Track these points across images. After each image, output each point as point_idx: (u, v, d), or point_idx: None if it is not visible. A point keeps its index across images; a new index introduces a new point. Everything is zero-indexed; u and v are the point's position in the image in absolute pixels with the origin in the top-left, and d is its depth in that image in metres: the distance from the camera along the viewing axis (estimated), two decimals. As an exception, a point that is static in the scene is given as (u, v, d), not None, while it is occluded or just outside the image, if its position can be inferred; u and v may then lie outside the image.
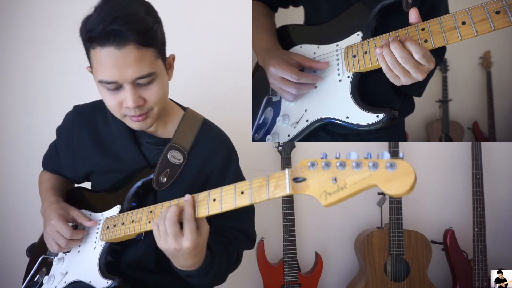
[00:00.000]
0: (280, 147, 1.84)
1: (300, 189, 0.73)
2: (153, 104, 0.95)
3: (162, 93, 0.96)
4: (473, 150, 1.85)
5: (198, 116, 1.14)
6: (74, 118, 1.15)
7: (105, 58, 0.87)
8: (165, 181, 1.03)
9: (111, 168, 1.10)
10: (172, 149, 1.05)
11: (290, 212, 1.80)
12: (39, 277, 1.10)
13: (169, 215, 0.86)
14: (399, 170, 0.64)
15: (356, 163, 0.67)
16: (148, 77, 0.91)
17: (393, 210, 1.81)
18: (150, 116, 0.98)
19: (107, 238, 1.01)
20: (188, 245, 0.84)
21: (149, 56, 0.89)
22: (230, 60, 1.89)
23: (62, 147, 1.18)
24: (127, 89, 0.90)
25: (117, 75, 0.88)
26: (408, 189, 0.62)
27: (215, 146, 1.10)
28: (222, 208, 0.84)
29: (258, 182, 0.79)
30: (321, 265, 1.85)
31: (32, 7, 1.85)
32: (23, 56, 1.85)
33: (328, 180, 0.70)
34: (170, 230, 0.85)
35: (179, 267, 0.91)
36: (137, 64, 0.87)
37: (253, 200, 0.79)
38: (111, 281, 0.95)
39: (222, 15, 1.89)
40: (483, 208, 1.82)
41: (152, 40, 0.89)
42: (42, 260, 1.12)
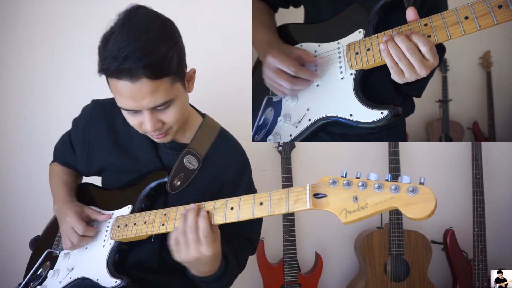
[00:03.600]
0: (280, 147, 1.84)
1: (320, 205, 0.76)
2: (172, 124, 0.97)
3: (181, 113, 0.98)
4: (473, 150, 1.85)
5: (216, 124, 1.16)
6: (93, 112, 1.15)
7: (121, 89, 0.88)
8: (178, 184, 1.05)
9: (125, 167, 1.10)
10: (188, 154, 1.06)
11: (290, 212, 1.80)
12: (42, 271, 1.09)
13: (189, 223, 0.87)
14: (420, 195, 0.67)
15: (378, 185, 0.70)
16: (164, 104, 0.92)
17: (393, 210, 1.81)
18: (170, 133, 1.01)
19: (117, 237, 1.01)
20: (208, 253, 0.86)
21: (164, 85, 0.90)
22: (230, 60, 1.89)
23: (79, 140, 1.17)
24: (145, 114, 0.92)
25: (134, 105, 0.90)
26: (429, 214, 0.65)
27: (231, 157, 1.12)
28: (240, 217, 0.85)
29: (278, 194, 0.81)
30: (321, 265, 1.85)
31: (32, 7, 1.85)
32: (22, 56, 1.85)
33: (349, 198, 0.72)
34: (191, 236, 0.86)
35: (196, 273, 0.93)
36: (151, 95, 0.88)
37: (272, 212, 0.81)
38: (119, 281, 0.95)
39: (222, 15, 1.89)
40: (483, 208, 1.82)
41: (165, 70, 0.89)
42: (48, 253, 1.12)
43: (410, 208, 0.67)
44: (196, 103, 1.21)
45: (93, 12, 1.84)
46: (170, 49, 0.89)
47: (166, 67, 0.88)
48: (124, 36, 0.85)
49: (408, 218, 0.67)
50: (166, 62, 0.88)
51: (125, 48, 0.84)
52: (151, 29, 0.88)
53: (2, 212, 1.86)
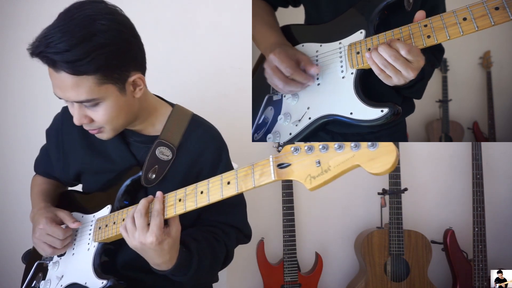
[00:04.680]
0: (280, 147, 1.84)
1: (284, 175, 0.74)
2: (102, 123, 0.95)
3: (113, 115, 0.94)
4: (473, 150, 1.85)
5: (187, 112, 1.13)
6: (63, 119, 1.15)
7: (50, 75, 0.88)
8: (153, 177, 1.03)
9: (101, 168, 1.10)
10: (160, 145, 1.04)
11: (290, 212, 1.80)
12: (35, 283, 1.09)
13: (137, 208, 0.88)
14: (381, 148, 0.65)
15: (339, 145, 0.69)
16: (89, 102, 0.90)
17: (393, 210, 1.82)
18: (105, 131, 0.98)
19: (99, 239, 1.01)
20: (151, 239, 0.84)
21: (87, 83, 0.87)
22: (230, 60, 1.89)
23: (52, 149, 1.18)
24: (74, 106, 0.92)
25: (61, 94, 0.90)
26: (390, 166, 0.64)
27: (206, 142, 1.09)
28: (210, 199, 0.84)
29: (244, 171, 0.80)
30: (321, 265, 1.85)
31: (32, 7, 1.85)
32: (22, 56, 1.84)
33: (312, 163, 0.71)
34: (137, 222, 0.87)
35: (153, 266, 0.92)
36: (73, 89, 0.87)
37: (239, 189, 0.80)
38: (106, 281, 0.96)
39: (222, 15, 1.89)
40: (483, 208, 1.82)
41: (87, 69, 0.85)
42: (38, 265, 1.12)
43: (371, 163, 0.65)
44: (196, 102, 1.21)
45: (93, 12, 1.84)
46: (97, 49, 0.85)
47: (85, 66, 0.85)
48: (59, 23, 0.85)
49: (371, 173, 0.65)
50: (88, 61, 0.84)
51: (52, 35, 0.83)
52: (86, 26, 0.84)
53: (2, 212, 1.85)
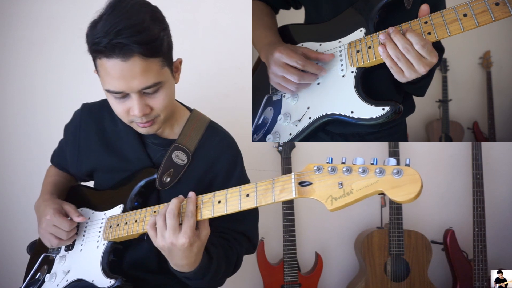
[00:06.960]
0: (280, 147, 1.84)
1: (306, 193, 0.74)
2: (159, 111, 0.97)
3: (168, 100, 0.97)
4: (473, 150, 1.85)
5: (204, 118, 1.15)
6: (82, 116, 1.16)
7: (111, 69, 0.87)
8: (168, 181, 1.04)
9: (115, 167, 1.10)
10: (176, 149, 1.06)
11: (290, 212, 1.80)
12: (40, 275, 1.10)
13: (170, 208, 0.86)
14: (406, 177, 0.65)
15: (363, 169, 0.68)
16: (154, 86, 0.92)
17: (393, 210, 1.81)
18: (157, 122, 0.99)
19: (110, 238, 1.01)
20: (184, 241, 0.84)
21: (155, 66, 0.90)
22: (230, 60, 1.89)
23: (69, 144, 1.19)
24: (133, 98, 0.92)
25: (124, 86, 0.89)
26: (415, 196, 0.64)
27: (221, 149, 1.10)
28: (227, 210, 0.84)
29: (264, 185, 0.80)
30: (321, 265, 1.85)
31: (32, 7, 1.85)
32: (23, 56, 1.85)
33: (334, 185, 0.71)
34: (169, 222, 0.85)
35: (174, 267, 0.91)
36: (143, 75, 0.88)
37: (258, 203, 0.80)
38: (114, 281, 0.96)
39: (222, 15, 1.89)
40: (483, 208, 1.82)
41: (157, 50, 0.89)
42: (44, 257, 1.12)
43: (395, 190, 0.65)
44: (196, 102, 1.21)
45: (93, 12, 1.84)
46: (161, 31, 0.90)
47: (158, 46, 0.89)
48: (117, 14, 0.86)
49: (395, 201, 0.65)
50: (159, 42, 0.89)
51: (118, 23, 0.84)
52: (143, 11, 0.89)
53: (2, 212, 1.86)
